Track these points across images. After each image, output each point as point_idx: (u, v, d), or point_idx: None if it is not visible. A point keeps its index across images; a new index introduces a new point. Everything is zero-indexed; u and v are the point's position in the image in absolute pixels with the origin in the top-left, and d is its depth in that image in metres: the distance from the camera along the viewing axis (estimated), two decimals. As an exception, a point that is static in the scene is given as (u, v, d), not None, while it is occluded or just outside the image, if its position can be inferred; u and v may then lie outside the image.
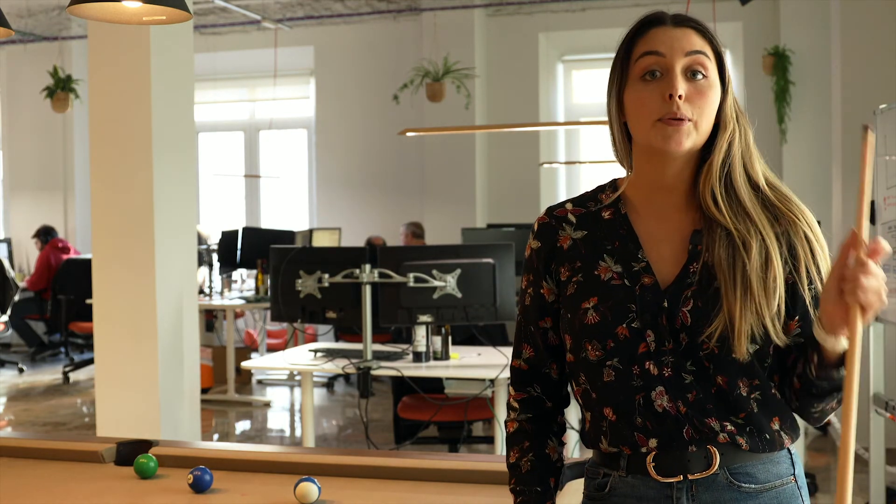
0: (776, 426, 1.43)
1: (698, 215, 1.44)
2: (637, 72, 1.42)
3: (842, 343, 1.30)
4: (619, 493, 1.46)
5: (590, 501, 1.51)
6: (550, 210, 1.54)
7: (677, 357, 1.40)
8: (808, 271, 1.42)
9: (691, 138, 1.40)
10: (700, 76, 1.40)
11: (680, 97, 1.38)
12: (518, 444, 1.56)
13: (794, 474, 1.46)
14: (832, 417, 4.80)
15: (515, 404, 1.58)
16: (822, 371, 1.34)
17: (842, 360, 1.32)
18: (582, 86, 8.93)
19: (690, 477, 1.41)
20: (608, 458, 1.48)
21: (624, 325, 1.42)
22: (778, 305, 1.38)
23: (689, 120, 1.39)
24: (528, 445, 1.55)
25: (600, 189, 1.54)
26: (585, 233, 1.49)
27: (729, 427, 1.40)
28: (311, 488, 1.82)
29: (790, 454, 1.46)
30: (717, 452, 1.40)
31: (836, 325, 1.28)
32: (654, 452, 1.42)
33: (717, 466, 1.40)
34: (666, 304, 1.41)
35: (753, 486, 1.42)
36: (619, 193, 1.50)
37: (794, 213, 1.42)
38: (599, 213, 1.50)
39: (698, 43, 1.42)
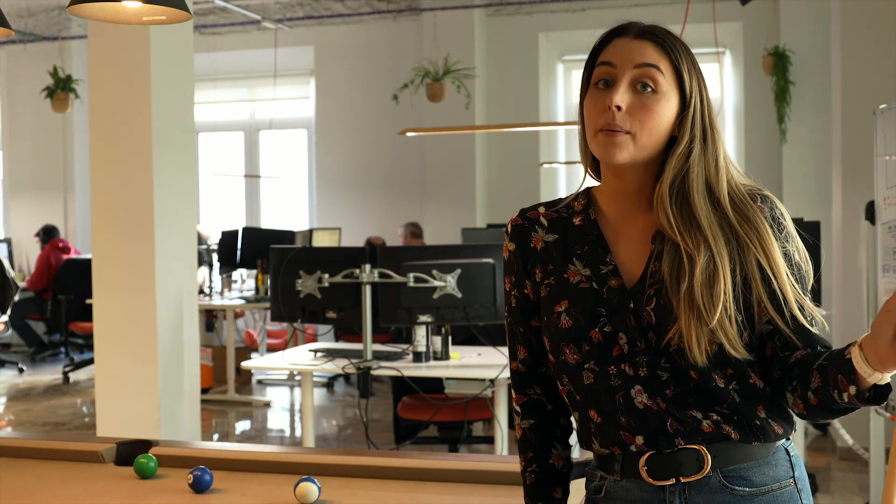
0: (763, 414, 1.42)
1: None
2: (594, 79, 1.44)
3: (885, 377, 1.27)
4: (614, 496, 1.46)
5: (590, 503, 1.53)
6: (523, 212, 1.56)
7: (650, 356, 1.41)
8: (762, 273, 1.39)
9: (627, 151, 1.39)
10: (649, 89, 1.40)
11: (619, 108, 1.38)
12: (523, 454, 1.58)
13: (793, 477, 1.44)
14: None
15: (518, 408, 1.59)
16: (855, 398, 1.31)
17: (873, 387, 1.29)
18: (582, 86, 8.92)
19: (683, 479, 1.41)
20: (603, 461, 1.49)
21: (596, 329, 1.43)
22: (731, 319, 1.37)
23: (627, 132, 1.39)
24: (531, 456, 1.57)
25: (573, 197, 1.56)
26: (557, 236, 1.51)
27: (714, 417, 1.40)
28: (311, 488, 1.82)
29: (789, 456, 1.45)
30: (708, 454, 1.40)
31: (886, 364, 1.24)
32: (646, 455, 1.42)
33: (708, 468, 1.40)
34: (632, 305, 1.42)
35: (748, 489, 1.41)
36: (590, 200, 1.52)
37: (749, 238, 1.40)
38: (571, 218, 1.52)
39: (652, 56, 1.41)
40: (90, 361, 8.04)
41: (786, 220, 1.44)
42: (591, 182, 1.57)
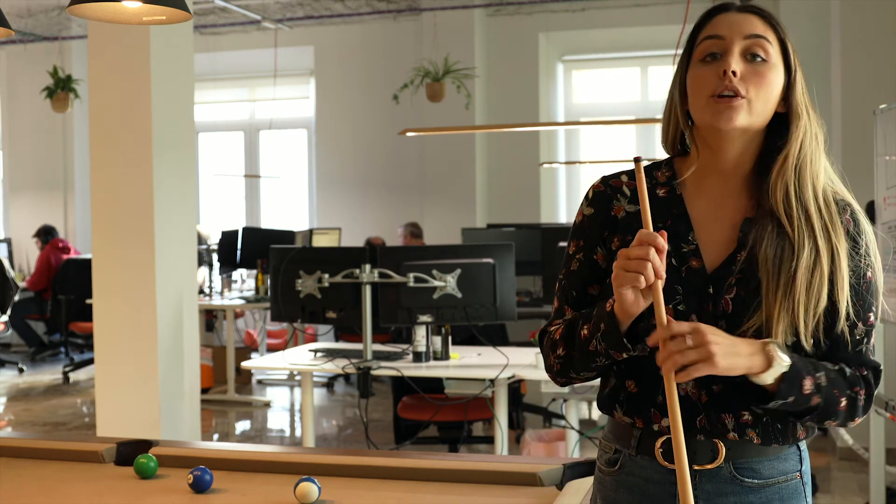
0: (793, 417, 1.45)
1: (752, 203, 1.45)
2: (698, 55, 1.45)
3: (765, 378, 1.35)
4: (629, 472, 1.50)
5: (601, 475, 1.56)
6: (606, 179, 1.54)
7: None
8: (830, 281, 1.42)
9: (743, 115, 1.41)
10: (759, 59, 1.42)
11: (734, 73, 1.39)
12: (561, 344, 1.50)
13: (800, 471, 1.48)
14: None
15: (556, 337, 1.52)
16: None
17: (777, 388, 1.37)
18: (582, 86, 8.93)
19: (696, 467, 1.44)
20: (620, 430, 1.50)
21: (670, 306, 1.42)
22: (815, 312, 1.40)
23: (743, 96, 1.40)
24: (564, 332, 1.51)
25: (656, 166, 1.55)
26: (639, 207, 1.47)
27: (745, 417, 1.42)
28: (311, 488, 1.82)
29: (799, 451, 1.49)
30: (723, 447, 1.43)
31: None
32: (664, 438, 1.44)
33: (722, 460, 1.44)
34: (711, 291, 1.43)
35: (756, 480, 1.45)
36: (675, 174, 1.52)
37: (828, 241, 1.42)
38: (654, 189, 1.50)
39: (759, 27, 1.44)
40: (90, 361, 8.04)
41: (866, 235, 1.45)
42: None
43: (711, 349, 1.31)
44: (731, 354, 1.33)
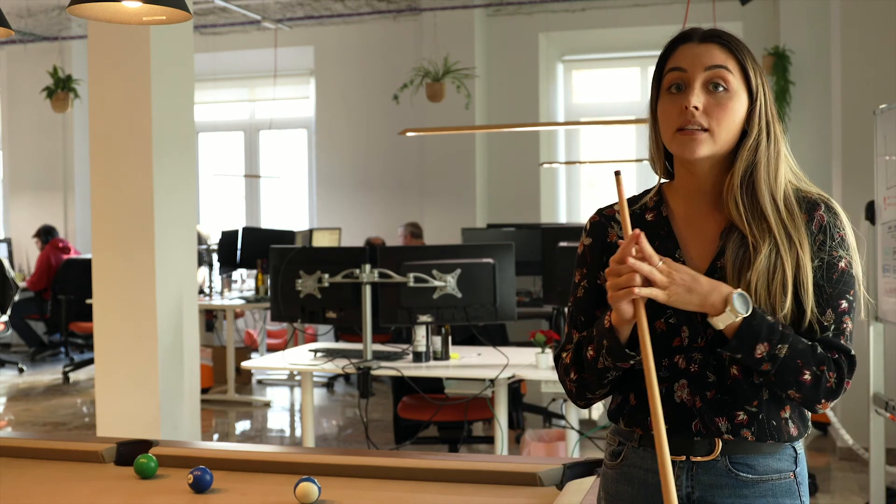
0: (786, 414, 1.52)
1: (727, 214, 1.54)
2: (665, 86, 1.53)
3: (715, 322, 1.44)
4: (630, 463, 1.59)
5: (605, 469, 1.66)
6: (600, 210, 1.66)
7: (705, 353, 1.50)
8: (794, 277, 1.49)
9: (707, 146, 1.49)
10: (721, 89, 1.49)
11: (696, 108, 1.47)
12: (573, 369, 1.60)
13: (794, 471, 1.54)
14: (832, 417, 4.79)
15: (567, 364, 1.61)
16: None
17: (730, 339, 1.44)
18: (582, 86, 8.93)
19: (693, 458, 1.52)
20: (624, 433, 1.60)
21: (662, 320, 1.52)
22: (781, 308, 1.47)
23: (704, 129, 1.48)
24: (574, 358, 1.60)
25: (646, 193, 1.64)
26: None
27: (741, 416, 1.49)
28: (311, 488, 1.82)
29: (795, 453, 1.55)
30: (720, 442, 1.51)
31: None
32: None
33: (718, 453, 1.51)
34: None
35: (750, 475, 1.51)
36: (662, 198, 1.61)
37: (791, 240, 1.49)
38: (643, 215, 1.60)
39: (720, 57, 1.50)
40: (90, 361, 8.04)
41: (842, 228, 1.51)
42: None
43: (660, 279, 1.42)
44: (685, 291, 1.42)
